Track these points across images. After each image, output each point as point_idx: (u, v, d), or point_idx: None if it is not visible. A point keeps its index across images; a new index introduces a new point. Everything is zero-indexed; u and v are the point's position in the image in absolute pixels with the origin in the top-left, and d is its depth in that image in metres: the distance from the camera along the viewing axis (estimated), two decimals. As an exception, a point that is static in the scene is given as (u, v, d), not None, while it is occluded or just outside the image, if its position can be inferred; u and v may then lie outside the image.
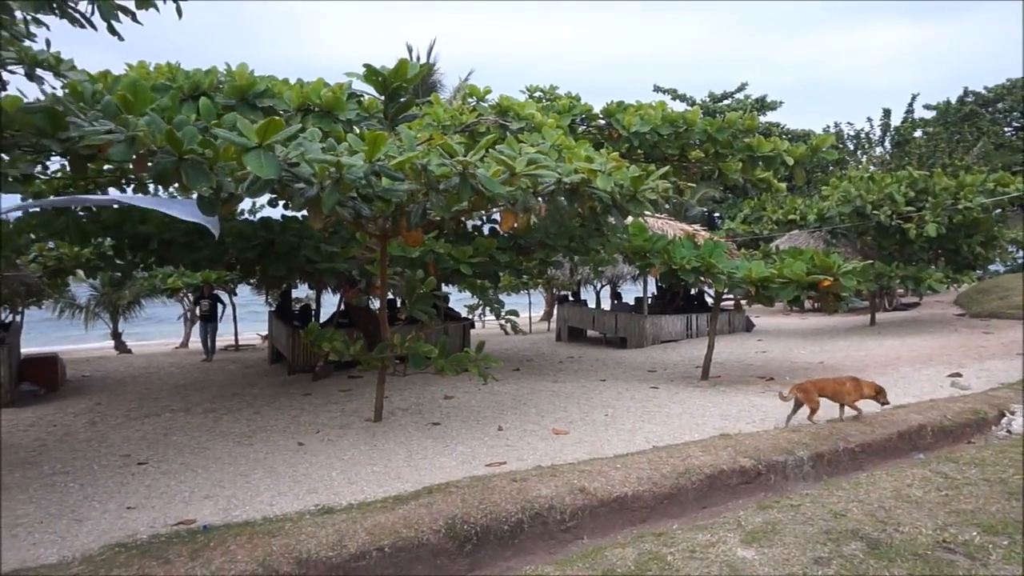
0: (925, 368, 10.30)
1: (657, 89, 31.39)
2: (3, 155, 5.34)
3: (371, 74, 6.68)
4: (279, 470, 6.07)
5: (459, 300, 17.56)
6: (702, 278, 9.71)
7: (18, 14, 4.61)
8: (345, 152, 4.88)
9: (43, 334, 25.61)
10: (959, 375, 9.45)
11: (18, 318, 14.96)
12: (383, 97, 6.86)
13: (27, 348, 14.44)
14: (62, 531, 4.82)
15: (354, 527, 4.60)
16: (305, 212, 9.11)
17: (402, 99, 6.83)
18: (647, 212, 7.04)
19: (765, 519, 4.98)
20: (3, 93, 6.10)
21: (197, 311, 16.93)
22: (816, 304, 20.81)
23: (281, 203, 8.62)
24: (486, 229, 11.48)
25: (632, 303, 18.55)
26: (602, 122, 10.35)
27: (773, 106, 31.48)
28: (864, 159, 29.34)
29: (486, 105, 9.57)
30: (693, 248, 9.74)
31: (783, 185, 12.34)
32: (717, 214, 32.93)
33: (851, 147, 30.35)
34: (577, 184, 5.50)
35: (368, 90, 7.27)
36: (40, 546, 4.57)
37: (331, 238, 9.66)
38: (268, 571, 4.16)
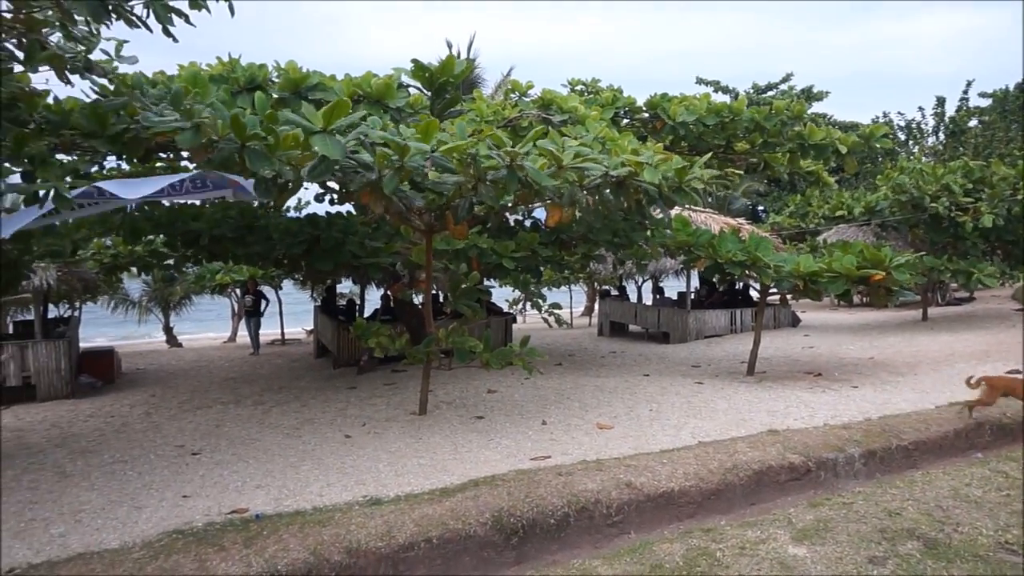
0: (982, 364, 9.96)
1: (700, 81, 30.87)
2: (63, 157, 5.53)
3: (419, 70, 6.73)
4: (327, 462, 6.17)
5: (499, 295, 17.62)
6: (748, 272, 9.54)
7: (78, 17, 4.76)
8: (400, 137, 4.95)
9: (97, 329, 26.49)
10: (1019, 372, 9.12)
11: (76, 313, 15.51)
12: (429, 93, 6.91)
13: (83, 343, 14.93)
14: (123, 517, 4.98)
15: (402, 518, 4.66)
16: (350, 207, 9.26)
17: (448, 95, 6.86)
18: (691, 204, 6.96)
19: (816, 517, 4.89)
20: (64, 94, 6.33)
21: (243, 305, 17.28)
22: (865, 298, 20.30)
23: (327, 199, 8.74)
24: (528, 224, 11.46)
25: (675, 298, 18.34)
26: (645, 114, 10.23)
27: (820, 96, 30.71)
28: (916, 150, 28.42)
29: (528, 100, 9.55)
30: (739, 242, 9.57)
31: (832, 180, 12.05)
32: (761, 207, 32.32)
33: (903, 137, 29.44)
34: (624, 177, 5.45)
35: (414, 86, 7.32)
36: (103, 531, 4.73)
37: (375, 233, 9.78)
38: (319, 560, 4.25)
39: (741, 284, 18.23)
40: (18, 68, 5.90)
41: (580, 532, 4.94)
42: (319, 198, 8.99)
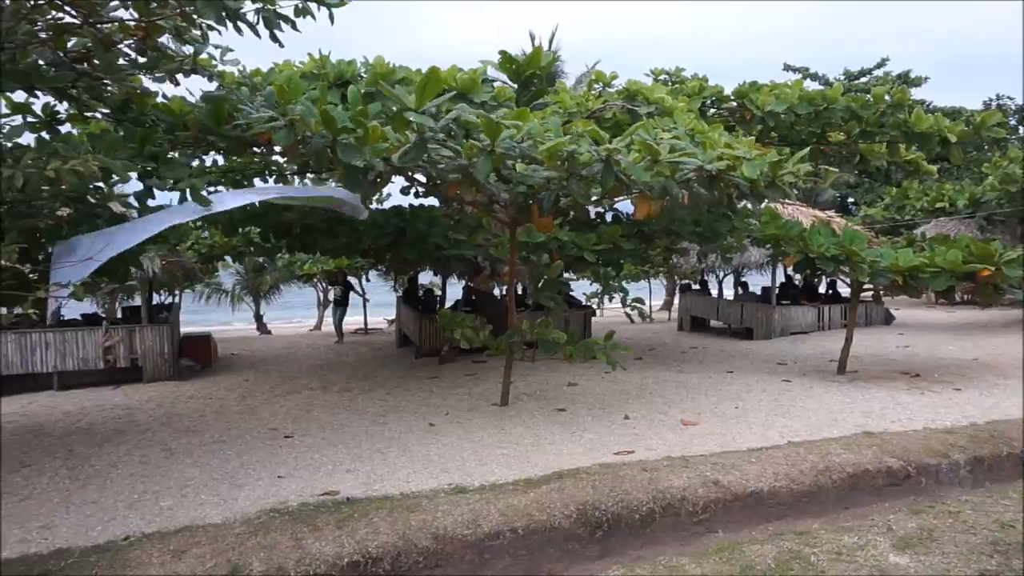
0: (1102, 369, 9.24)
1: (788, 68, 29.72)
2: (174, 154, 5.85)
3: (506, 61, 6.76)
4: (413, 449, 6.31)
5: (577, 288, 17.54)
6: (841, 267, 9.14)
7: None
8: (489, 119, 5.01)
9: (192, 316, 27.92)
10: None
11: (176, 300, 16.40)
12: (515, 85, 6.94)
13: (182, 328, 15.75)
14: (223, 494, 5.24)
15: (488, 507, 4.71)
16: (434, 199, 9.40)
17: (534, 87, 6.87)
18: (782, 199, 6.73)
19: (919, 524, 4.66)
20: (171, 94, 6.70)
21: (331, 296, 17.82)
22: (967, 296, 19.12)
23: (412, 191, 8.92)
24: (609, 216, 11.36)
25: (759, 292, 17.79)
26: (733, 103, 9.94)
27: (918, 82, 29.04)
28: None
29: (612, 91, 9.44)
30: (832, 235, 9.19)
31: (934, 168, 11.38)
32: (851, 200, 30.92)
33: (1013, 123, 27.49)
34: (721, 171, 5.32)
35: (500, 79, 7.36)
36: (206, 506, 4.99)
37: (457, 226, 9.92)
38: (408, 544, 4.35)
39: (827, 280, 17.54)
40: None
41: (666, 529, 4.88)
42: (405, 191, 9.19)
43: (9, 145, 5.73)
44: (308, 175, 11.62)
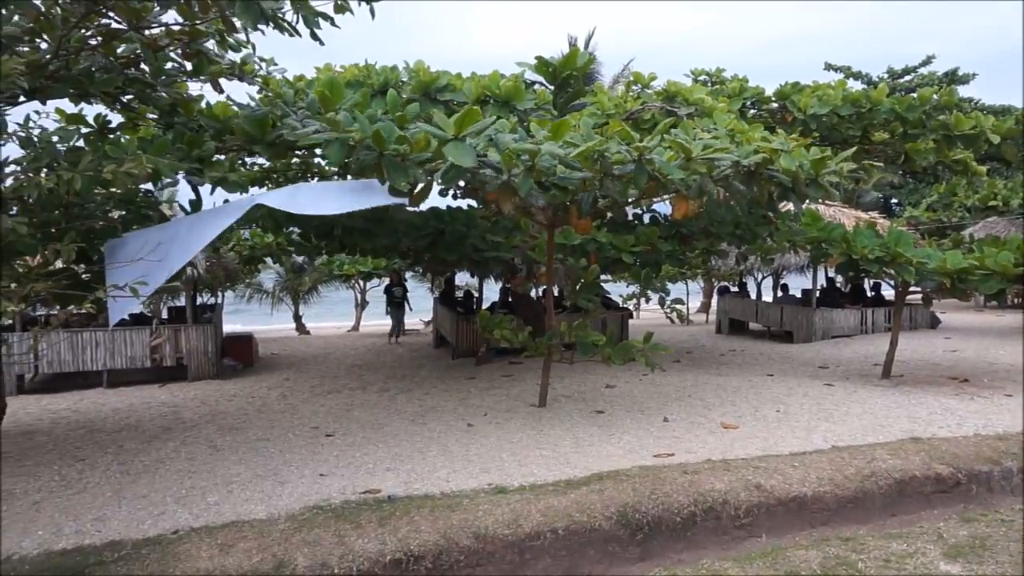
0: None
1: (829, 67, 29.19)
2: (220, 157, 5.99)
3: (542, 64, 6.79)
4: (452, 449, 6.36)
5: (613, 290, 17.45)
6: (885, 269, 8.94)
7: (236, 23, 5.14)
8: (531, 141, 5.04)
9: (232, 316, 28.42)
10: None
11: (219, 300, 16.76)
12: (552, 87, 6.95)
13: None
14: (268, 490, 5.34)
15: (528, 508, 4.73)
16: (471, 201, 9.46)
17: (571, 88, 6.88)
18: (826, 199, 6.62)
19: (971, 533, 4.54)
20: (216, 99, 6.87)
21: (388, 298, 17.81)
22: (1018, 299, 18.55)
23: (450, 194, 8.98)
24: (647, 218, 11.29)
25: (799, 295, 17.49)
26: (774, 105, 9.81)
27: (966, 79, 28.29)
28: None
29: (650, 92, 9.39)
30: (876, 236, 8.99)
31: (983, 169, 11.07)
32: (895, 200, 30.22)
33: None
34: (757, 165, 5.26)
35: (539, 81, 7.39)
36: (251, 502, 5.10)
37: (494, 227, 9.95)
38: (449, 543, 4.39)
39: (871, 282, 17.16)
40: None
41: (707, 532, 4.84)
42: (443, 192, 9.26)
43: (63, 149, 5.93)
44: (348, 177, 11.80)
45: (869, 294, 17.14)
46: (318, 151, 8.43)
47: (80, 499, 5.23)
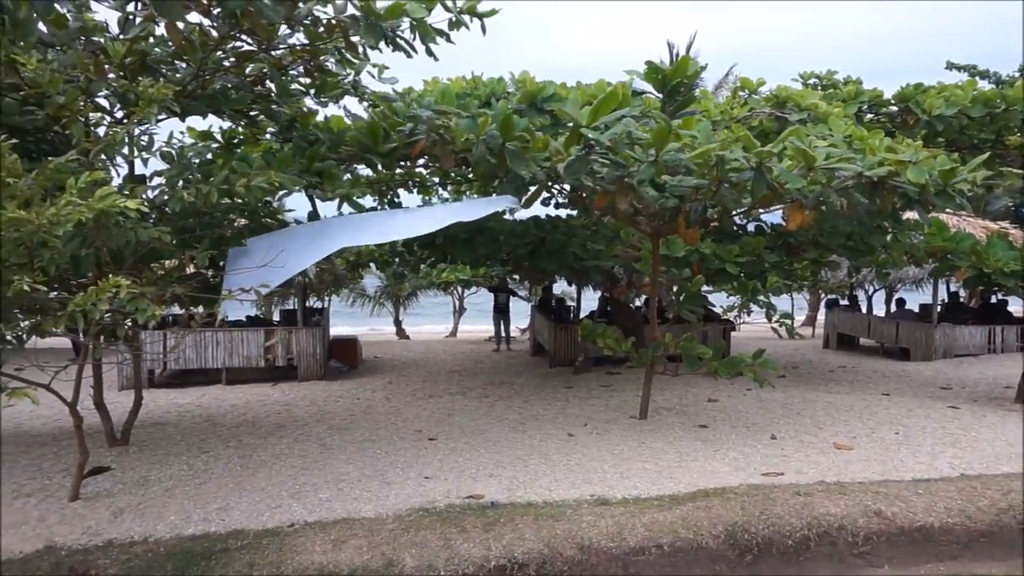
0: None
1: (951, 66, 27.23)
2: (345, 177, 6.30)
3: (652, 71, 6.72)
4: (553, 458, 6.36)
5: (714, 301, 16.98)
6: (1022, 284, 8.28)
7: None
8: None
9: (335, 320, 29.55)
10: None
11: (326, 304, 17.53)
12: (661, 95, 6.88)
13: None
14: (375, 490, 5.52)
15: (632, 521, 4.67)
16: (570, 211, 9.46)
17: (680, 97, 6.79)
18: (955, 210, 6.21)
19: None
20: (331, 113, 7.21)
21: (493, 305, 18.08)
22: None
23: (552, 202, 9.03)
24: (751, 227, 10.93)
25: (916, 310, 16.45)
26: (893, 108, 9.29)
27: (1112, 76, 25.78)
28: None
29: (758, 97, 9.11)
30: (1010, 248, 8.35)
31: None
32: (1028, 209, 27.87)
33: None
34: (883, 177, 5.00)
35: (647, 90, 7.32)
36: (359, 501, 5.28)
37: (594, 237, 9.92)
38: (553, 553, 4.40)
39: (997, 297, 15.93)
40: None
41: (821, 558, 4.63)
42: (545, 202, 9.32)
43: (196, 162, 6.40)
44: (448, 187, 12.07)
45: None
46: (420, 161, 8.69)
47: (206, 488, 5.58)
